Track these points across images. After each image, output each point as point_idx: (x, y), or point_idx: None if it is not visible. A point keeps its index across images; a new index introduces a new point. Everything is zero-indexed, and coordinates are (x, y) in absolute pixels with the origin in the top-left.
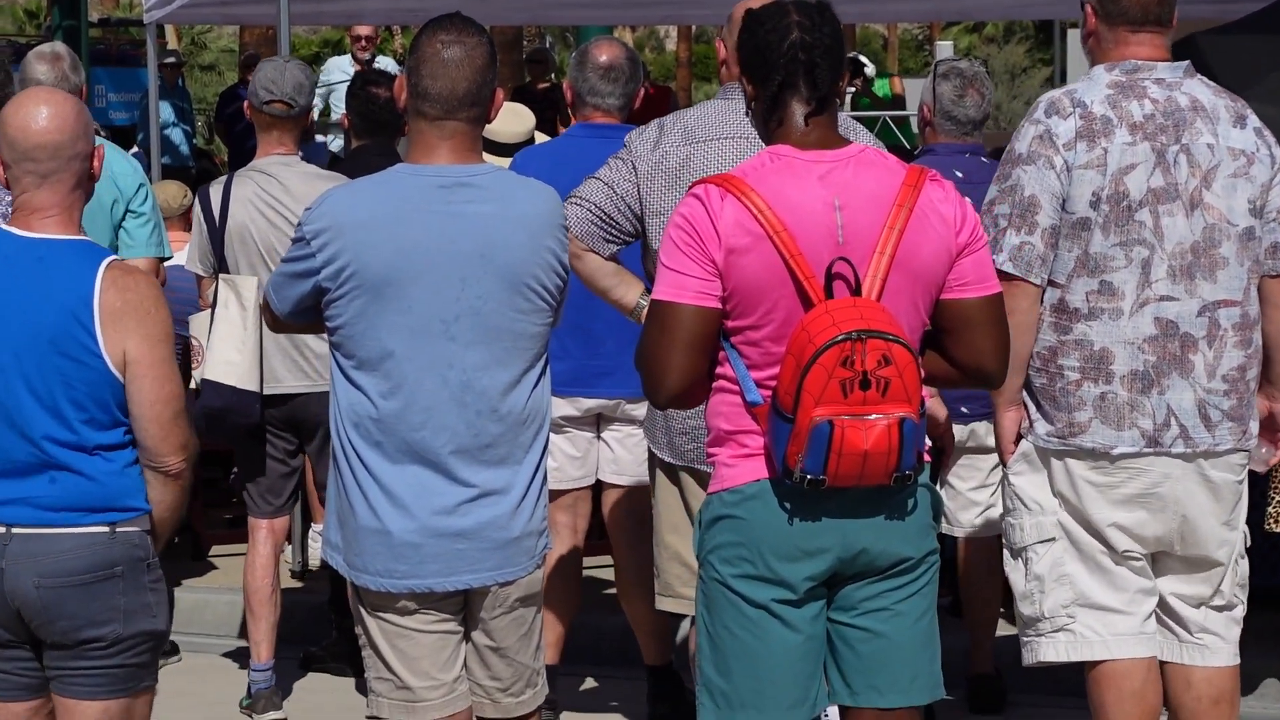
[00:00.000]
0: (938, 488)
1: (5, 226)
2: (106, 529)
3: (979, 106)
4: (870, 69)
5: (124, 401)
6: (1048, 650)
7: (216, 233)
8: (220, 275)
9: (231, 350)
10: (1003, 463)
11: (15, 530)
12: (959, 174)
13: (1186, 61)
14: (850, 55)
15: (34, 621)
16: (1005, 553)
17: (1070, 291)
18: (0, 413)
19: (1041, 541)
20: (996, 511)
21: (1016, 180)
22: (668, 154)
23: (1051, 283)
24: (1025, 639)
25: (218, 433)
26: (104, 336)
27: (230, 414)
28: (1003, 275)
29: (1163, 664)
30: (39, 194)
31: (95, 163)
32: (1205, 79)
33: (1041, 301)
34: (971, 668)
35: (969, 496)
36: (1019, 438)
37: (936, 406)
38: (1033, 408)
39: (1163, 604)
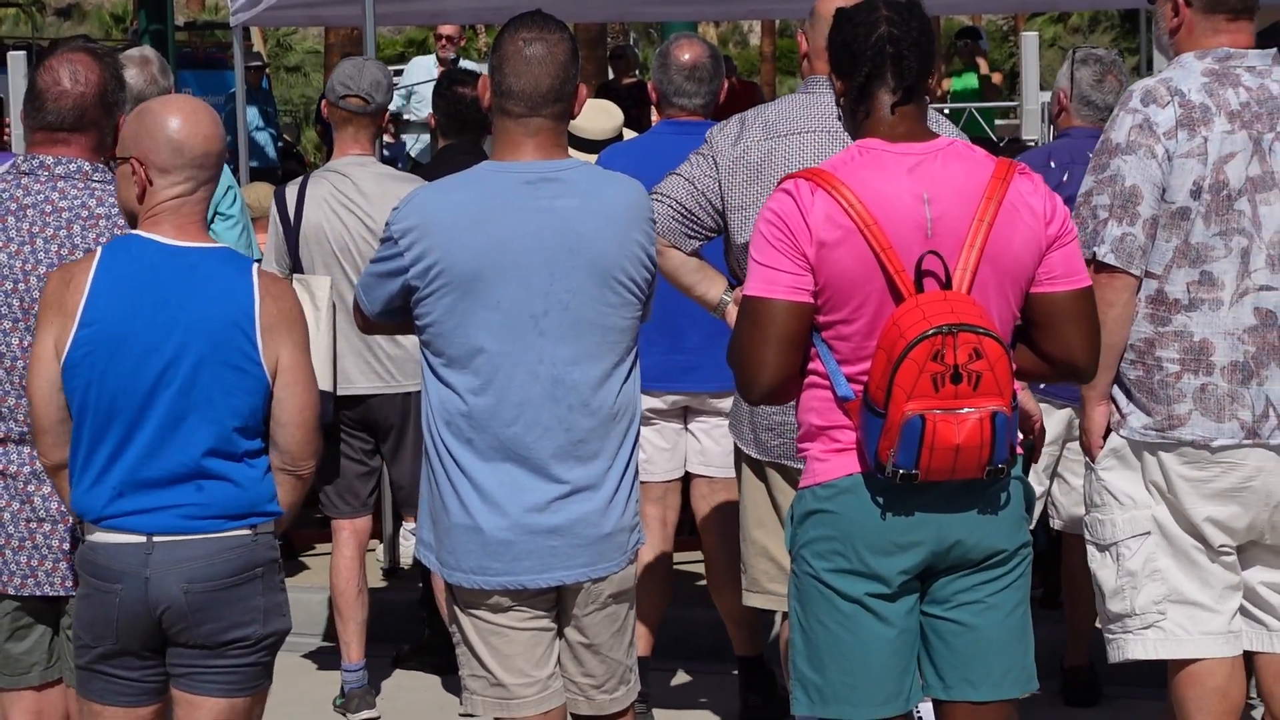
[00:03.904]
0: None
1: (145, 234)
2: (249, 532)
3: (1117, 93)
4: (983, 43)
5: (269, 408)
6: (1136, 647)
7: (292, 233)
8: (294, 275)
9: None
10: (1090, 458)
11: (157, 539)
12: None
13: (1275, 49)
14: (969, 26)
15: (176, 626)
16: (1090, 549)
17: (1169, 282)
18: (154, 422)
19: (1135, 536)
20: None
21: (1116, 170)
22: (749, 149)
23: (1147, 274)
24: (1111, 636)
25: None
26: (263, 345)
27: None
28: (1103, 267)
29: (1253, 655)
30: (190, 201)
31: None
32: None
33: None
34: (1066, 660)
35: (1079, 488)
36: (1107, 432)
37: (1026, 401)
38: (1124, 401)
39: (1252, 594)
